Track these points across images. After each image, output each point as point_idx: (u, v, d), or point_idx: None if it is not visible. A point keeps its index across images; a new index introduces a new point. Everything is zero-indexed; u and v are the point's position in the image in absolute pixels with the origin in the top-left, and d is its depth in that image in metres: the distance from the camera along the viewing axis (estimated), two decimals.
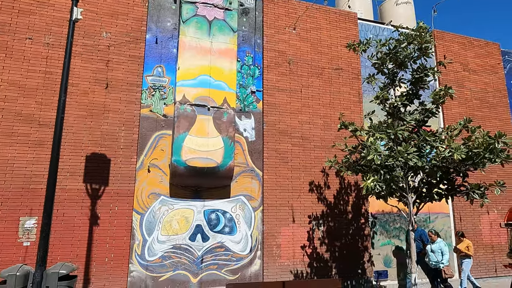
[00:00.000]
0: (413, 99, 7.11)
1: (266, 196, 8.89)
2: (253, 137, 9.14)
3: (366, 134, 6.32)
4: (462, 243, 8.91)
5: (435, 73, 7.01)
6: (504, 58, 13.00)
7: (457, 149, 5.73)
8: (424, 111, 6.89)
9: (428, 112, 6.87)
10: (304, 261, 8.90)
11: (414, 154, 5.96)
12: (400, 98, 6.74)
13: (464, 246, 8.83)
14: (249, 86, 9.37)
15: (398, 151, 5.94)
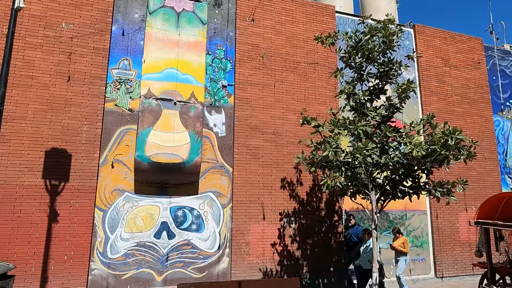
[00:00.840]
0: (379, 94, 6.90)
1: (236, 193, 8.71)
2: (223, 133, 8.93)
3: (327, 129, 6.13)
4: (398, 240, 8.56)
5: (400, 67, 6.77)
6: (487, 54, 12.81)
7: (416, 145, 5.55)
8: (389, 106, 6.69)
9: (393, 108, 6.67)
10: (274, 259, 8.73)
11: (374, 151, 5.77)
12: (363, 92, 6.53)
13: (400, 243, 8.47)
14: (220, 80, 9.14)
15: (357, 147, 5.74)
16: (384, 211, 10.16)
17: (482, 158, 11.66)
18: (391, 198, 6.63)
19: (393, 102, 6.65)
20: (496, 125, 12.36)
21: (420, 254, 10.31)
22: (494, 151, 11.94)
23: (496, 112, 12.47)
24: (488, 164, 11.71)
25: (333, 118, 6.03)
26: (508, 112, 12.70)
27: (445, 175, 10.89)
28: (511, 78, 13.04)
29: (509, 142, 12.43)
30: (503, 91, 12.79)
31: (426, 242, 10.44)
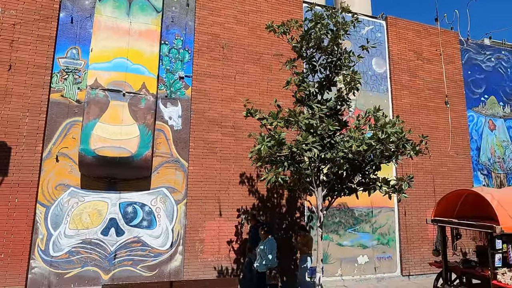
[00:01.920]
0: (329, 86, 6.57)
1: (191, 189, 8.39)
2: (179, 126, 8.59)
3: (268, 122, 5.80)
4: (303, 238, 7.98)
5: (350, 57, 6.45)
6: (462, 48, 12.51)
7: (355, 139, 5.25)
8: (337, 98, 6.37)
9: (341, 100, 6.36)
10: (230, 257, 8.44)
11: (316, 145, 5.45)
12: (308, 84, 6.20)
13: (306, 242, 7.90)
14: (177, 71, 8.78)
15: (295, 141, 5.43)
16: (349, 208, 9.92)
17: (454, 154, 11.42)
18: (337, 195, 6.32)
19: (341, 94, 6.33)
20: (470, 121, 12.10)
21: (386, 252, 10.06)
22: (467, 147, 11.69)
23: (471, 108, 12.21)
24: (460, 161, 11.46)
25: (273, 111, 5.71)
26: (482, 108, 12.44)
27: (413, 171, 10.66)
28: (487, 72, 12.76)
29: (482, 138, 12.18)
30: (478, 86, 12.52)
31: (393, 240, 10.19)
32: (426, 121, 11.21)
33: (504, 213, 6.09)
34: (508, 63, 13.24)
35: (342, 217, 9.78)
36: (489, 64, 12.88)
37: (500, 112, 12.69)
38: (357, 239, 9.84)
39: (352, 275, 9.56)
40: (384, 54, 11.23)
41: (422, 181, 10.74)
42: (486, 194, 6.41)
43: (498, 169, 12.16)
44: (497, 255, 5.94)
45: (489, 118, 12.47)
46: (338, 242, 9.60)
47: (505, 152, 12.33)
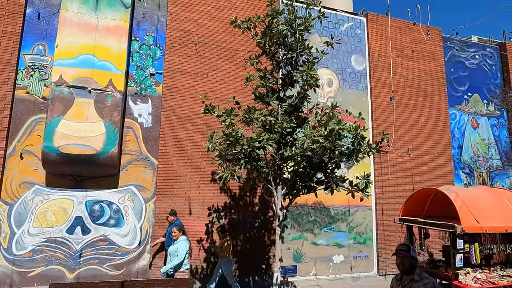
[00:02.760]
0: (290, 82, 6.45)
1: (160, 187, 8.29)
2: (149, 123, 8.48)
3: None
4: (222, 241, 7.56)
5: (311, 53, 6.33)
6: (445, 45, 12.36)
7: (308, 136, 5.13)
8: (298, 95, 6.25)
9: (301, 97, 6.24)
10: (200, 256, 8.35)
11: (270, 142, 5.34)
12: (264, 80, 6.09)
13: (222, 245, 7.48)
14: (148, 68, 8.67)
15: (248, 138, 5.32)
16: (325, 207, 9.81)
17: (435, 153, 11.29)
18: (296, 193, 6.21)
19: (301, 91, 6.21)
20: (452, 119, 11.96)
21: (363, 251, 9.95)
22: (448, 145, 11.55)
23: (453, 105, 12.06)
24: (441, 159, 11.33)
25: (228, 107, 5.59)
26: (465, 106, 12.30)
27: (391, 169, 10.55)
28: (471, 70, 12.61)
29: (465, 136, 12.04)
30: (461, 83, 12.37)
31: (370, 239, 10.08)
32: (406, 119, 11.08)
33: (467, 212, 5.98)
34: (493, 60, 13.08)
35: (317, 216, 9.67)
36: (473, 61, 12.73)
37: (484, 110, 12.54)
38: (333, 238, 9.73)
39: (327, 275, 9.46)
40: (364, 51, 11.09)
41: (401, 180, 10.62)
42: (451, 193, 6.30)
43: (481, 167, 12.02)
44: (458, 255, 5.82)
45: (472, 116, 12.32)
46: (313, 241, 9.49)
47: (488, 150, 12.19)
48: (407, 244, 3.47)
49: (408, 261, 3.32)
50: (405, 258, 3.32)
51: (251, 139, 5.20)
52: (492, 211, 6.20)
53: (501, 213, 6.23)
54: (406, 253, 3.34)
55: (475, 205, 6.18)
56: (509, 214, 6.28)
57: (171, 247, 6.59)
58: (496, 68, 13.07)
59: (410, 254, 3.33)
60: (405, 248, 3.37)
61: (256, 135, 5.27)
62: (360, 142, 5.46)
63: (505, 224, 6.08)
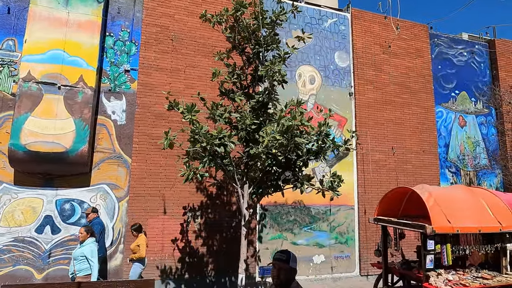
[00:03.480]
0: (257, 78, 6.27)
1: (134, 185, 8.12)
2: (123, 121, 8.32)
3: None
4: (135, 241, 6.89)
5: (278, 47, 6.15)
6: (432, 42, 12.16)
7: (267, 134, 4.96)
8: (264, 91, 6.07)
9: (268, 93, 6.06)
10: (174, 256, 8.19)
11: (231, 140, 5.16)
12: (229, 76, 5.91)
13: (134, 245, 6.83)
14: (123, 64, 8.50)
15: (206, 134, 5.15)
16: (306, 206, 9.64)
17: (420, 151, 11.11)
18: (262, 192, 6.04)
19: (267, 87, 6.03)
20: (439, 117, 11.77)
21: (345, 251, 9.78)
22: (434, 144, 11.37)
23: (440, 103, 11.87)
24: (426, 157, 11.14)
25: (188, 104, 5.42)
26: (453, 103, 12.10)
27: (375, 168, 10.37)
28: (458, 67, 12.41)
29: (452, 134, 11.85)
30: (449, 81, 12.17)
31: (352, 239, 9.91)
32: (390, 117, 10.89)
33: (439, 212, 5.80)
34: (482, 57, 12.88)
35: (297, 215, 9.50)
36: (461, 58, 12.52)
37: (472, 108, 12.34)
38: (314, 238, 9.56)
39: (307, 275, 9.29)
40: (348, 47, 10.89)
41: (384, 179, 10.44)
42: (424, 193, 6.11)
43: (468, 166, 11.83)
44: (428, 256, 5.64)
45: (460, 114, 12.13)
46: (293, 241, 9.32)
47: (476, 149, 12.00)
48: (287, 251, 2.63)
49: (284, 274, 2.54)
50: (282, 269, 2.54)
51: (210, 136, 5.03)
52: (466, 211, 6.02)
53: (476, 213, 6.05)
54: (284, 263, 2.54)
55: (449, 205, 6.00)
56: (484, 214, 6.09)
57: (76, 251, 5.66)
58: (485, 65, 12.87)
59: (288, 266, 2.54)
60: (283, 257, 2.57)
61: (216, 132, 5.09)
62: (324, 139, 5.27)
63: (478, 224, 5.89)
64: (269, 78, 5.72)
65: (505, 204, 6.33)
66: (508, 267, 6.33)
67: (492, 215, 6.09)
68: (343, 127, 10.39)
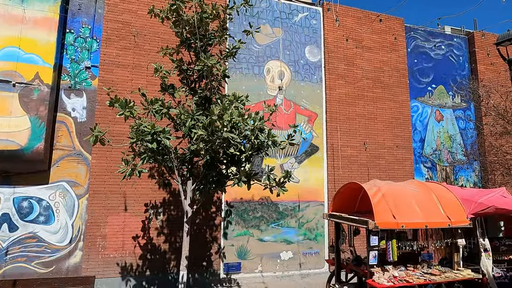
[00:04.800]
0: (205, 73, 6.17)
1: (93, 183, 8.10)
2: (83, 118, 8.28)
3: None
4: None
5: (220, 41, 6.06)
6: (408, 35, 11.99)
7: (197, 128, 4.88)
8: (206, 86, 6.00)
9: (210, 88, 5.98)
10: (135, 253, 8.17)
11: (165, 135, 5.10)
12: (168, 72, 5.84)
13: None
14: (83, 61, 8.45)
15: (136, 131, 5.09)
16: (273, 202, 9.57)
17: (394, 146, 10.98)
18: (203, 188, 5.97)
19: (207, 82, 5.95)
20: (414, 111, 11.62)
21: (314, 248, 9.71)
22: (409, 139, 11.23)
23: (415, 98, 11.71)
24: (400, 152, 11.02)
25: (122, 99, 5.36)
26: (429, 98, 11.94)
27: (345, 163, 10.26)
28: (436, 61, 12.23)
29: (428, 129, 11.70)
30: (425, 74, 12.01)
31: (321, 235, 9.83)
32: (363, 112, 10.77)
33: (385, 208, 5.71)
34: (460, 50, 12.68)
35: (264, 212, 9.44)
36: (439, 52, 12.34)
37: (449, 102, 12.17)
38: (281, 234, 9.50)
39: (274, 271, 9.24)
40: (319, 42, 10.76)
41: (356, 174, 10.34)
42: (372, 188, 6.03)
43: (444, 161, 11.69)
44: (372, 252, 5.56)
45: (436, 108, 11.97)
46: (260, 237, 9.27)
47: (453, 143, 11.85)
48: None
49: None
50: None
51: (141, 132, 4.97)
52: (415, 207, 5.92)
53: (425, 209, 5.95)
54: None
55: (397, 201, 5.90)
56: (434, 209, 6.00)
57: None
58: (464, 59, 12.68)
59: None
60: None
61: (148, 127, 5.03)
62: (258, 134, 5.19)
63: (426, 220, 5.80)
64: (207, 72, 5.64)
65: (458, 199, 6.23)
66: (461, 263, 6.24)
67: (442, 211, 6.00)
68: (313, 122, 10.29)
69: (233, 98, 5.34)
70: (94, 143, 5.14)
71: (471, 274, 5.94)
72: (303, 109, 10.25)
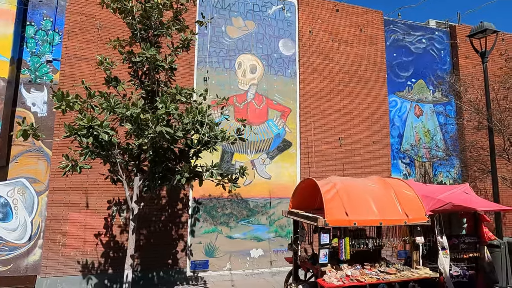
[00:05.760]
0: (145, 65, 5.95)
1: (54, 179, 7.91)
2: (44, 112, 8.09)
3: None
4: None
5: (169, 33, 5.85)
6: (388, 28, 11.73)
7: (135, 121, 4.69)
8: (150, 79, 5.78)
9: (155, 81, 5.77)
10: (97, 251, 8.00)
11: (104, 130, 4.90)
12: (108, 62, 5.63)
13: None
14: (45, 54, 8.24)
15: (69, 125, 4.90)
16: (243, 199, 9.38)
17: (370, 142, 10.77)
18: (148, 185, 5.78)
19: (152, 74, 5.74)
20: (393, 106, 11.40)
21: (285, 245, 9.49)
22: (386, 134, 11.01)
23: (394, 92, 11.48)
24: (377, 148, 10.81)
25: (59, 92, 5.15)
26: (408, 92, 11.71)
27: (319, 159, 10.07)
28: (416, 54, 11.99)
29: (406, 124, 11.48)
30: (405, 69, 11.77)
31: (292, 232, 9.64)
32: (338, 107, 10.55)
33: (338, 205, 5.52)
34: (442, 44, 12.43)
35: (234, 209, 9.25)
36: (419, 45, 12.09)
37: (429, 97, 11.94)
38: (251, 232, 9.32)
39: (243, 269, 9.07)
40: (293, 35, 10.52)
41: (330, 170, 10.12)
42: (327, 184, 5.83)
43: (423, 157, 11.48)
44: (322, 251, 5.37)
45: (416, 103, 11.74)
46: (228, 234, 9.09)
47: (432, 139, 11.63)
48: None
49: None
50: None
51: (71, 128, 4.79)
52: (371, 204, 5.72)
53: (382, 206, 5.75)
54: None
55: (353, 197, 5.71)
56: (391, 206, 5.80)
57: None
58: (445, 52, 12.43)
59: None
60: None
61: (85, 121, 4.83)
62: (198, 128, 4.98)
63: (381, 217, 5.60)
64: (149, 64, 5.43)
65: (418, 196, 6.03)
66: (420, 261, 6.05)
67: (399, 208, 5.80)
68: (287, 117, 10.07)
69: (176, 91, 5.13)
70: (25, 138, 4.94)
71: (429, 273, 5.75)
72: (276, 104, 10.03)
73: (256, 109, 9.81)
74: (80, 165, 5.23)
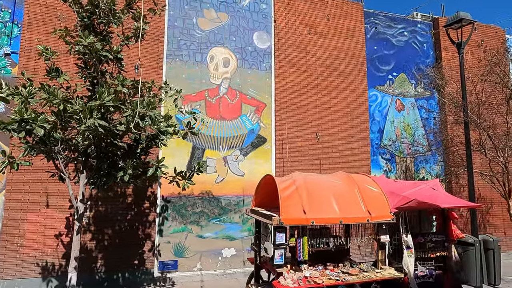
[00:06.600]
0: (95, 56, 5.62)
1: (11, 177, 7.58)
2: (1, 108, 7.75)
3: None
4: None
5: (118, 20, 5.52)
6: (368, 20, 11.41)
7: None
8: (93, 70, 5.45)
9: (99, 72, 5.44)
10: (58, 252, 7.68)
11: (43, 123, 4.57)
12: (47, 53, 5.30)
13: None
14: (3, 47, 7.89)
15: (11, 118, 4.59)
16: (215, 197, 9.08)
17: (349, 137, 10.47)
18: (94, 182, 5.46)
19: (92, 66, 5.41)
20: (373, 101, 11.09)
21: None
22: (366, 129, 10.72)
23: (374, 86, 11.18)
24: (356, 144, 10.51)
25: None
26: (389, 86, 11.41)
27: (295, 155, 9.76)
28: (398, 48, 11.68)
29: (387, 119, 11.18)
30: (386, 62, 11.47)
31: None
32: (315, 102, 10.23)
33: (296, 202, 5.22)
34: (424, 37, 12.12)
35: (205, 207, 8.94)
36: (401, 38, 11.78)
37: (411, 91, 11.64)
38: (223, 231, 9.02)
39: (215, 269, 8.77)
40: (269, 28, 10.18)
41: (307, 167, 9.83)
42: (285, 181, 5.53)
43: (404, 152, 11.19)
44: (277, 251, 5.08)
45: (397, 97, 11.44)
46: (199, 234, 8.79)
47: (414, 134, 11.34)
48: None
49: None
50: None
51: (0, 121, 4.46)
52: (332, 201, 5.42)
53: (344, 203, 5.46)
54: None
55: (313, 195, 5.40)
56: (354, 204, 5.50)
57: None
58: (428, 45, 12.12)
59: None
60: None
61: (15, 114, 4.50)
62: (138, 122, 4.65)
63: (342, 215, 5.30)
64: (89, 54, 5.10)
65: (383, 193, 5.73)
66: (386, 261, 5.76)
67: (362, 205, 5.50)
68: (261, 112, 9.75)
69: (118, 82, 4.80)
70: None
71: (393, 273, 5.45)
72: (250, 99, 9.71)
73: (229, 104, 9.48)
74: (17, 161, 4.89)
